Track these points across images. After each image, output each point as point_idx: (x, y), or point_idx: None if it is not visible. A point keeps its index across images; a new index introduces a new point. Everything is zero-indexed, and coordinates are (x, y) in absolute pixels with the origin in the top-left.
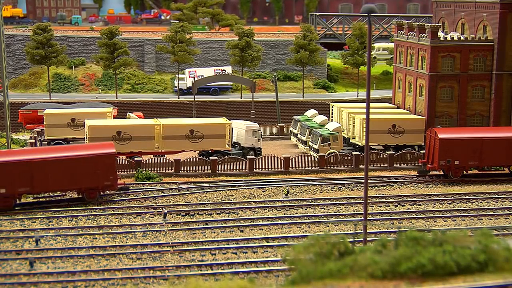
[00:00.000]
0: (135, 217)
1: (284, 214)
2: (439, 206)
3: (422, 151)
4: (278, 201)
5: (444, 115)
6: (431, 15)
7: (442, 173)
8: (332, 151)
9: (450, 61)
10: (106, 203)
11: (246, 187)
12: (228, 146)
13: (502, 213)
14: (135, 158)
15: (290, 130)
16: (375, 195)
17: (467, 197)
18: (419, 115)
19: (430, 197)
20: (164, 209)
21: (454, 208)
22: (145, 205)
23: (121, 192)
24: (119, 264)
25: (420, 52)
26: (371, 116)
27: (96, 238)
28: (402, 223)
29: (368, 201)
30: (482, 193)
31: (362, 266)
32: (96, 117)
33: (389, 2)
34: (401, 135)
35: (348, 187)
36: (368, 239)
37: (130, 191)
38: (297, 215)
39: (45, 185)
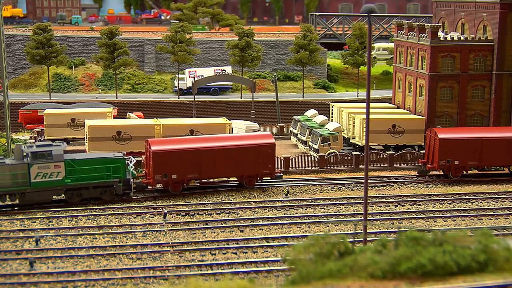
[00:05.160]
0: (135, 217)
1: (284, 214)
2: (439, 206)
3: (422, 151)
4: (278, 201)
5: (444, 115)
6: (431, 15)
7: (442, 173)
8: (332, 151)
9: (450, 61)
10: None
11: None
12: None
13: (502, 213)
14: (135, 158)
15: (290, 130)
16: (375, 195)
17: (467, 197)
18: (419, 115)
19: (430, 197)
20: (164, 209)
21: (454, 208)
22: (145, 205)
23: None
24: (119, 264)
25: (420, 52)
26: (371, 116)
27: (96, 238)
28: (402, 223)
29: (368, 201)
30: (482, 193)
31: (362, 266)
32: (96, 117)
33: (389, 2)
34: (401, 135)
35: (348, 187)
36: (368, 239)
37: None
38: (297, 215)
39: (212, 172)
